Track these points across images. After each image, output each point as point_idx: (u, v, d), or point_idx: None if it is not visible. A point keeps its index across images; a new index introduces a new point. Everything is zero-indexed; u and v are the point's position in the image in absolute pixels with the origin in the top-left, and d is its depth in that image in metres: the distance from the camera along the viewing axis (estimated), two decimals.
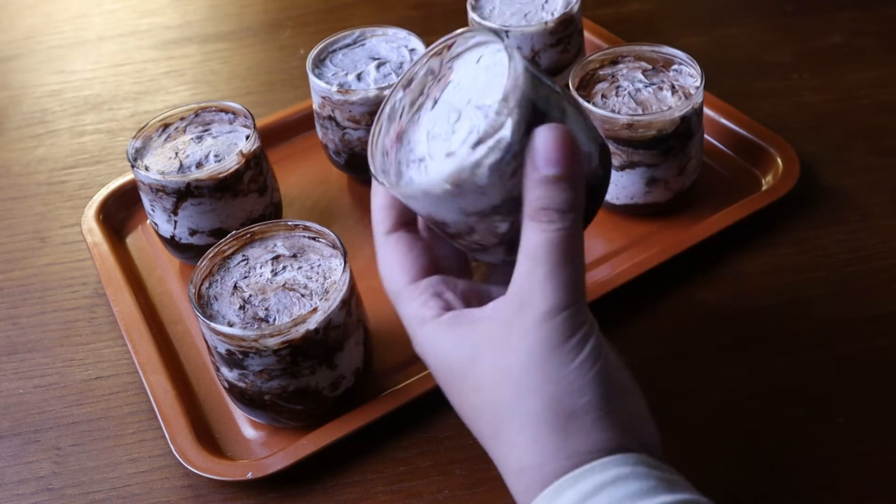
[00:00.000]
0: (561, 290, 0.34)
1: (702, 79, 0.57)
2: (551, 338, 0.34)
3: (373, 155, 0.37)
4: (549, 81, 0.35)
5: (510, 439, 0.34)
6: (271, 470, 0.47)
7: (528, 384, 0.34)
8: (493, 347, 0.35)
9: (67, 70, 0.87)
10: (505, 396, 0.35)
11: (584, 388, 0.34)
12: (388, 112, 0.39)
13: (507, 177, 0.33)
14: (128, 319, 0.56)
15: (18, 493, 0.49)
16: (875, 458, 0.47)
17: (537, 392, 0.34)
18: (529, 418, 0.34)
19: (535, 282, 0.34)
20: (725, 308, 0.56)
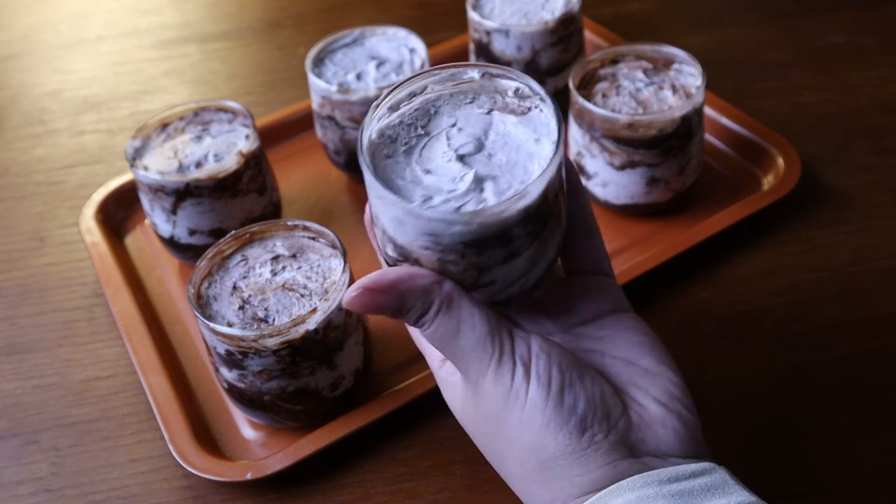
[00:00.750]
0: (472, 332, 0.34)
1: (702, 78, 0.57)
2: (494, 398, 0.34)
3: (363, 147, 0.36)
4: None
5: (516, 490, 0.36)
6: (270, 471, 0.47)
7: (499, 451, 0.36)
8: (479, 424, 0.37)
9: (66, 69, 0.87)
10: (495, 461, 0.37)
11: (545, 441, 0.33)
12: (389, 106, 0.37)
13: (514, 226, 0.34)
14: (127, 320, 0.56)
15: (17, 494, 0.49)
16: (875, 459, 0.46)
17: (509, 456, 0.35)
18: (516, 478, 0.35)
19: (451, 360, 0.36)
20: (725, 308, 0.56)
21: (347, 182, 0.68)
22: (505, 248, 0.34)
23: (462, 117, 0.37)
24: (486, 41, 0.67)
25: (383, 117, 0.37)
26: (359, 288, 0.35)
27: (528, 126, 0.35)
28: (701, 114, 0.59)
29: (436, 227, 0.33)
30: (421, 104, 0.37)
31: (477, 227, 0.33)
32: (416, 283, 0.34)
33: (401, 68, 0.63)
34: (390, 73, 0.62)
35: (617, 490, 0.32)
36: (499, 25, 0.65)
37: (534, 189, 0.33)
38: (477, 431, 0.37)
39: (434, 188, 0.34)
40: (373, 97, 0.60)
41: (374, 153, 0.36)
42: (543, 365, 0.34)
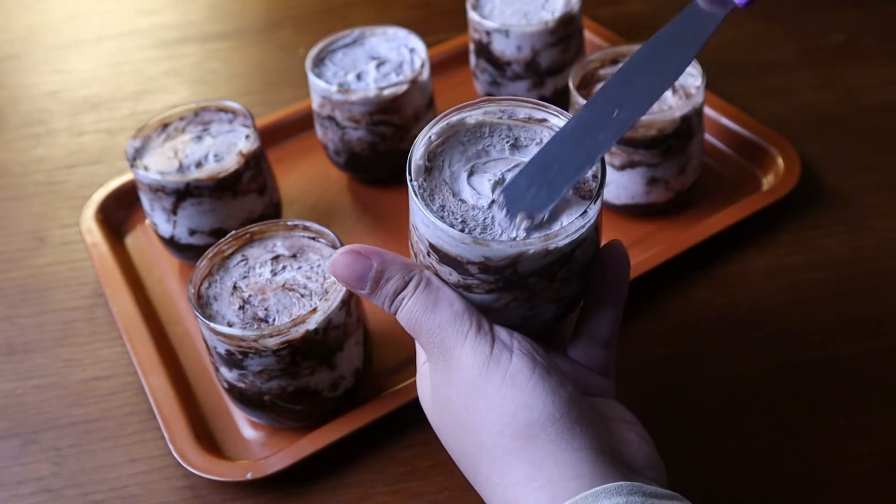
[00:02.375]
0: (450, 308, 0.34)
1: (703, 78, 0.57)
2: (472, 365, 0.33)
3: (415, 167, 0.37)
4: None
5: (486, 481, 0.34)
6: (271, 470, 0.47)
7: (473, 422, 0.34)
8: (443, 398, 0.36)
9: (66, 69, 0.87)
10: (464, 442, 0.35)
11: (531, 402, 0.32)
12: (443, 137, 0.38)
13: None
14: (127, 320, 0.56)
15: (17, 494, 0.49)
16: (875, 459, 0.46)
17: (485, 424, 0.33)
18: (490, 453, 0.33)
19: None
20: (725, 308, 0.56)
21: (347, 182, 0.68)
22: (459, 275, 0.35)
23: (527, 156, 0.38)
24: (486, 41, 0.67)
25: (492, 113, 0.38)
26: (346, 250, 0.35)
27: (578, 208, 0.35)
28: (701, 114, 0.59)
29: (417, 215, 0.36)
30: (533, 128, 0.39)
31: (440, 236, 0.34)
32: (397, 258, 0.35)
33: (401, 68, 0.63)
34: (390, 73, 0.62)
35: (605, 492, 0.31)
36: (499, 25, 0.65)
37: (499, 250, 0.33)
38: (447, 413, 0.35)
39: (457, 192, 0.36)
40: (373, 97, 0.60)
41: (458, 132, 0.38)
42: (526, 349, 0.34)
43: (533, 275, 0.35)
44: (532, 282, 0.35)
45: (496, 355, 0.33)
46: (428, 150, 0.37)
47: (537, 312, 0.37)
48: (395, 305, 0.35)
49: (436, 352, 0.35)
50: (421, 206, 0.35)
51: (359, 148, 0.63)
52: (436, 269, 0.36)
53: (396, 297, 0.35)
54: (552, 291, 0.36)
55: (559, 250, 0.34)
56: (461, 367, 0.34)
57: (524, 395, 0.33)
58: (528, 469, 0.32)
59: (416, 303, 0.35)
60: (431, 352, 0.35)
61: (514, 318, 0.37)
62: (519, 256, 0.34)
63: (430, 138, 0.37)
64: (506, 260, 0.34)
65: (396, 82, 0.60)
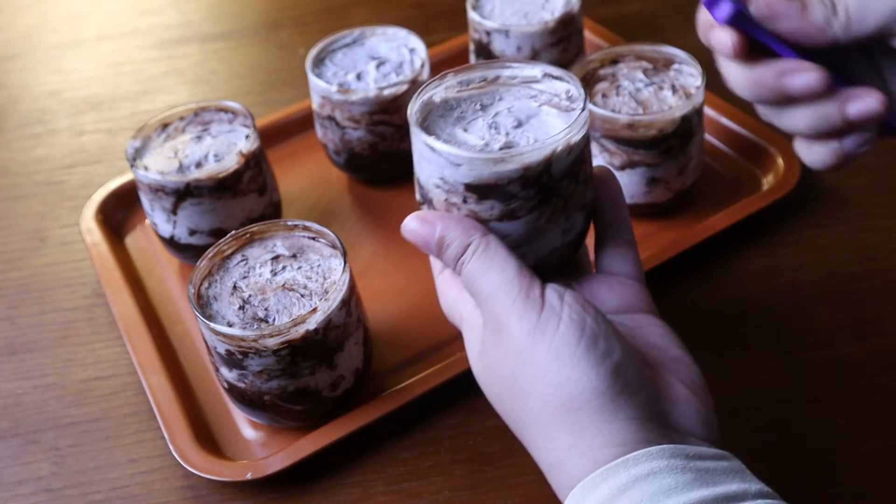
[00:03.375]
0: (502, 273, 0.35)
1: (703, 78, 0.57)
2: (519, 333, 0.34)
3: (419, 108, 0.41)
4: None
5: (533, 442, 0.35)
6: (271, 470, 0.47)
7: (520, 389, 0.34)
8: (494, 364, 0.36)
9: (66, 69, 0.87)
10: (511, 405, 0.35)
11: (574, 376, 0.33)
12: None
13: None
14: (127, 320, 0.56)
15: (17, 494, 0.49)
16: (875, 459, 0.46)
17: (531, 393, 0.34)
18: (536, 419, 0.34)
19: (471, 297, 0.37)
20: (725, 308, 0.56)
21: (347, 182, 0.68)
22: (502, 202, 0.38)
23: (517, 105, 0.42)
24: (486, 41, 0.67)
25: (451, 88, 0.42)
26: (411, 217, 0.38)
27: (565, 120, 0.40)
28: (701, 114, 0.59)
29: (444, 164, 0.38)
30: (490, 88, 0.43)
31: (477, 169, 0.37)
32: (459, 222, 0.37)
33: (401, 68, 0.63)
34: (390, 73, 0.62)
35: (647, 455, 0.32)
36: (499, 25, 0.65)
37: (535, 153, 0.37)
38: (495, 376, 0.36)
39: (463, 141, 0.40)
40: (373, 97, 0.60)
41: (431, 111, 0.41)
42: (577, 312, 0.34)
43: (563, 177, 0.38)
44: (564, 185, 0.39)
45: (542, 325, 0.34)
46: (418, 122, 0.41)
47: (573, 223, 0.41)
48: (458, 269, 0.37)
49: (489, 316, 0.36)
50: (452, 149, 0.37)
51: (359, 148, 0.63)
52: (476, 211, 0.38)
53: (457, 261, 0.37)
54: (579, 196, 0.40)
55: (577, 145, 0.38)
56: (510, 334, 0.35)
57: (568, 370, 0.33)
58: (571, 437, 0.33)
59: (472, 267, 0.36)
60: (486, 317, 0.36)
61: (555, 235, 0.40)
62: (552, 155, 0.37)
63: (416, 114, 0.41)
64: (543, 163, 0.37)
65: (396, 82, 0.60)
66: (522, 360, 0.34)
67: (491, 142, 0.39)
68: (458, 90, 0.43)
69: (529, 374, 0.34)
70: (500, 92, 0.43)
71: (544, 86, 0.43)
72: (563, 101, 0.41)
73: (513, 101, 0.42)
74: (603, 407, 0.33)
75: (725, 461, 0.33)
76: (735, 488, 0.31)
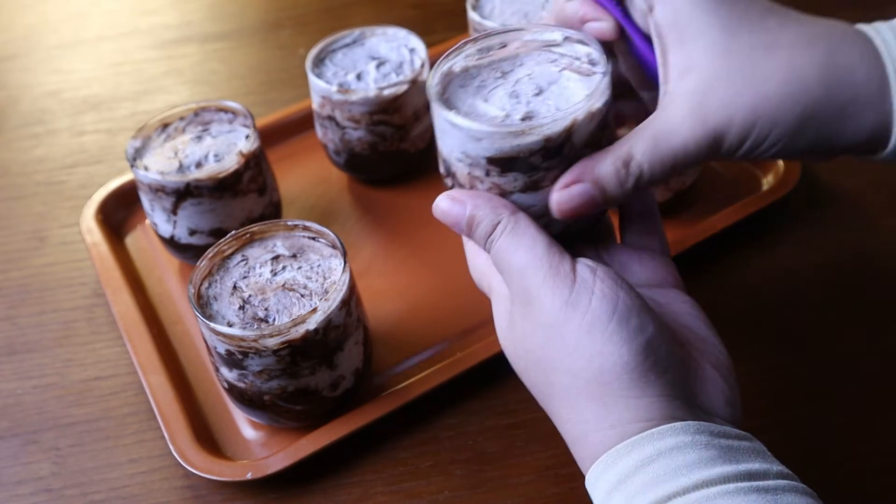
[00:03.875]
0: (531, 251, 0.35)
1: None
2: (550, 307, 0.34)
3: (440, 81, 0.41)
4: None
5: (559, 415, 0.35)
6: (271, 470, 0.47)
7: (549, 362, 0.35)
8: (521, 335, 0.37)
9: (66, 70, 0.87)
10: (538, 378, 0.36)
11: (606, 350, 0.33)
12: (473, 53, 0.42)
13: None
14: (127, 319, 0.56)
15: (17, 494, 0.49)
16: (875, 459, 0.46)
17: (560, 366, 0.34)
18: (564, 392, 0.34)
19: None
20: (725, 308, 0.56)
21: (347, 182, 0.68)
22: (525, 174, 0.38)
23: (537, 70, 0.41)
24: None
25: (471, 56, 0.42)
26: (442, 196, 0.38)
27: (587, 85, 0.39)
28: None
29: (465, 138, 0.37)
30: (509, 54, 0.42)
31: (498, 143, 0.37)
32: (488, 201, 0.37)
33: (401, 68, 0.63)
34: (390, 73, 0.62)
35: (672, 430, 0.32)
36: (499, 25, 0.65)
37: (555, 124, 0.36)
38: (523, 349, 0.36)
39: (483, 114, 0.39)
40: (373, 97, 0.60)
41: (451, 81, 0.41)
42: (609, 287, 0.34)
43: (585, 145, 0.38)
44: (587, 153, 0.38)
45: (574, 299, 0.34)
46: (438, 95, 0.40)
47: None
48: (487, 247, 0.37)
49: (518, 291, 0.36)
50: (472, 123, 0.37)
51: (359, 148, 0.63)
52: (499, 184, 0.38)
53: (487, 239, 0.37)
54: None
55: (599, 111, 0.38)
56: (541, 308, 0.35)
57: (599, 344, 0.33)
58: (599, 410, 0.33)
59: (501, 244, 0.36)
60: (515, 291, 0.36)
61: None
62: (572, 125, 0.37)
63: (435, 87, 0.40)
64: (563, 133, 0.37)
65: (396, 82, 0.60)
66: (553, 334, 0.34)
67: (511, 112, 0.39)
68: (479, 58, 0.42)
69: (560, 348, 0.34)
70: (520, 58, 0.42)
71: (565, 49, 0.42)
72: (584, 64, 0.40)
73: (533, 66, 0.41)
74: (633, 382, 0.33)
75: (748, 441, 0.33)
76: (757, 467, 0.32)
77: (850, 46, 0.36)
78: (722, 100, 0.35)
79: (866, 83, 0.35)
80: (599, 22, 0.40)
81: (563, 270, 0.35)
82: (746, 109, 0.35)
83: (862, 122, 0.35)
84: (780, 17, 0.36)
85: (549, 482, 0.47)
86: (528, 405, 0.51)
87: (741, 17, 0.36)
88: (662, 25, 0.37)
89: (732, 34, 0.36)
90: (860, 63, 0.35)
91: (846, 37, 0.37)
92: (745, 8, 0.36)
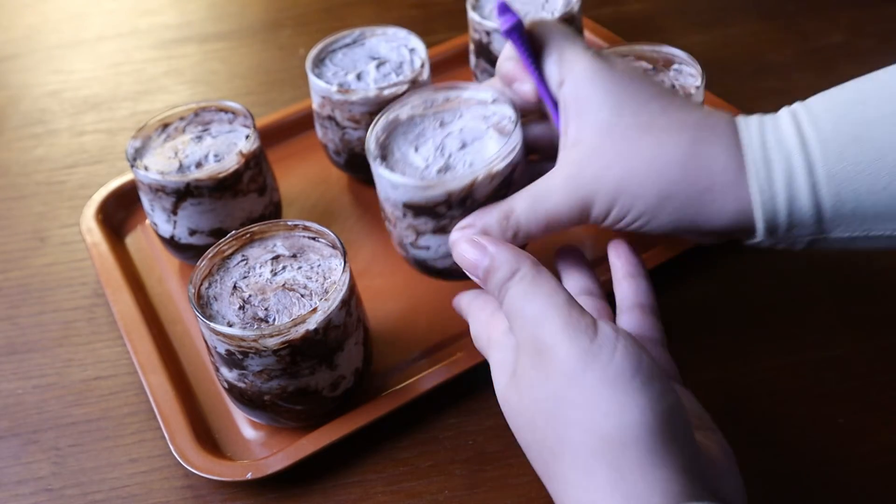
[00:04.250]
0: (549, 299, 0.35)
1: (702, 78, 0.57)
2: (568, 356, 0.32)
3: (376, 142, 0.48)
4: None
5: (564, 477, 0.33)
6: (271, 470, 0.47)
7: (561, 412, 0.32)
8: (527, 384, 0.35)
9: (66, 70, 0.87)
10: (545, 433, 0.33)
11: (628, 407, 0.31)
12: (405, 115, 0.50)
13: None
14: (127, 319, 0.56)
15: (18, 494, 0.49)
16: (875, 459, 0.46)
17: (574, 418, 0.32)
18: (576, 451, 0.32)
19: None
20: (724, 308, 0.56)
21: (348, 182, 0.68)
22: (433, 220, 0.45)
23: (469, 125, 0.48)
24: (486, 41, 0.67)
25: (417, 107, 0.49)
26: (466, 240, 0.40)
27: (501, 146, 0.45)
28: None
29: (387, 185, 0.45)
30: (451, 107, 0.49)
31: (410, 192, 0.44)
32: (511, 251, 0.38)
33: (401, 68, 0.63)
34: (390, 74, 0.62)
35: None
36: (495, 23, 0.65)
37: (457, 182, 0.43)
38: (528, 399, 0.34)
39: (410, 163, 0.47)
40: (373, 97, 0.60)
41: (396, 128, 0.49)
42: (633, 346, 0.33)
43: (487, 199, 0.44)
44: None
45: (595, 350, 0.32)
46: (378, 143, 0.48)
47: None
48: (501, 294, 0.37)
49: (528, 339, 0.34)
50: (392, 175, 0.44)
51: (359, 148, 0.63)
52: (414, 225, 0.46)
53: (502, 286, 0.37)
54: None
55: (500, 173, 0.44)
56: (556, 355, 0.33)
57: (622, 398, 0.31)
58: (612, 476, 0.30)
59: (517, 290, 0.36)
60: (524, 339, 0.35)
61: None
62: (472, 183, 0.43)
63: (377, 134, 0.48)
64: (465, 190, 0.43)
65: (396, 82, 0.60)
66: (569, 384, 0.32)
67: (431, 164, 0.46)
68: (424, 108, 0.49)
69: (576, 397, 0.32)
70: (460, 110, 0.49)
71: (495, 108, 0.48)
72: (508, 124, 0.47)
73: (468, 119, 0.48)
74: (652, 450, 0.30)
75: None
76: None
77: (717, 136, 0.38)
78: (594, 171, 0.38)
79: (724, 171, 0.37)
80: (523, 84, 0.44)
81: (583, 323, 0.33)
82: (612, 182, 0.38)
83: (721, 207, 0.37)
84: (665, 103, 0.39)
85: None
86: None
87: (630, 98, 0.38)
88: (567, 99, 0.41)
89: (618, 113, 0.38)
90: (721, 152, 0.37)
91: (716, 127, 0.38)
92: (635, 91, 0.39)
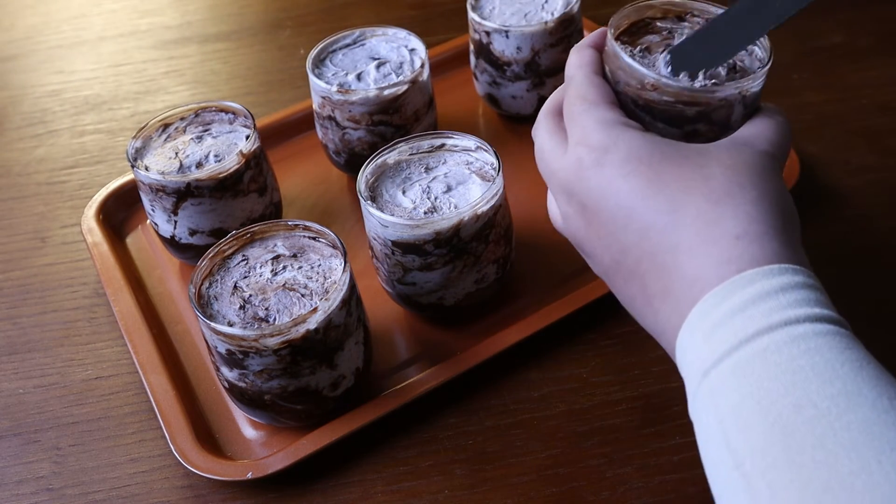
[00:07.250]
0: None
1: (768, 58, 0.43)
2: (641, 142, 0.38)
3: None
4: None
5: (671, 260, 0.35)
6: (271, 470, 0.47)
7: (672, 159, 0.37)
8: None
9: (67, 70, 0.87)
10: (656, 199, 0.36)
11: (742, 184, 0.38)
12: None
13: None
14: (128, 319, 0.56)
15: (18, 493, 0.49)
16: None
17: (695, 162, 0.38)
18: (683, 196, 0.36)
19: None
20: None
21: (348, 182, 0.68)
22: (420, 257, 0.49)
23: (454, 170, 0.52)
24: (486, 41, 0.67)
25: (404, 152, 0.54)
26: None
27: (484, 189, 0.50)
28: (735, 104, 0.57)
29: (377, 223, 0.49)
30: (437, 153, 0.54)
31: (399, 231, 0.48)
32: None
33: (401, 68, 0.63)
34: (390, 74, 0.62)
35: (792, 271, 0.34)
36: (498, 26, 0.65)
37: (444, 222, 0.47)
38: (635, 157, 0.37)
39: (398, 204, 0.51)
40: (373, 97, 0.60)
41: (384, 172, 0.53)
42: None
43: (472, 239, 0.49)
44: (473, 246, 0.49)
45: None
46: (368, 185, 0.51)
47: (485, 274, 0.52)
48: None
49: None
50: (381, 214, 0.48)
51: (359, 148, 0.63)
52: (401, 262, 0.50)
53: None
54: (490, 252, 0.51)
55: (485, 215, 0.49)
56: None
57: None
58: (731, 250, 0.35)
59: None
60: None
61: (468, 283, 0.51)
62: (458, 224, 0.47)
63: (367, 177, 0.52)
64: (451, 230, 0.47)
65: (396, 82, 0.61)
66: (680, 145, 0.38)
67: (419, 205, 0.50)
68: (410, 153, 0.53)
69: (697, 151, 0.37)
70: (444, 156, 0.53)
71: (478, 155, 0.52)
72: (489, 171, 0.51)
73: (452, 165, 0.53)
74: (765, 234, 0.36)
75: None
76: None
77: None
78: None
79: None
80: None
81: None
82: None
83: None
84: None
85: (549, 482, 0.47)
86: (528, 405, 0.51)
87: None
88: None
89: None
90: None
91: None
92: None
